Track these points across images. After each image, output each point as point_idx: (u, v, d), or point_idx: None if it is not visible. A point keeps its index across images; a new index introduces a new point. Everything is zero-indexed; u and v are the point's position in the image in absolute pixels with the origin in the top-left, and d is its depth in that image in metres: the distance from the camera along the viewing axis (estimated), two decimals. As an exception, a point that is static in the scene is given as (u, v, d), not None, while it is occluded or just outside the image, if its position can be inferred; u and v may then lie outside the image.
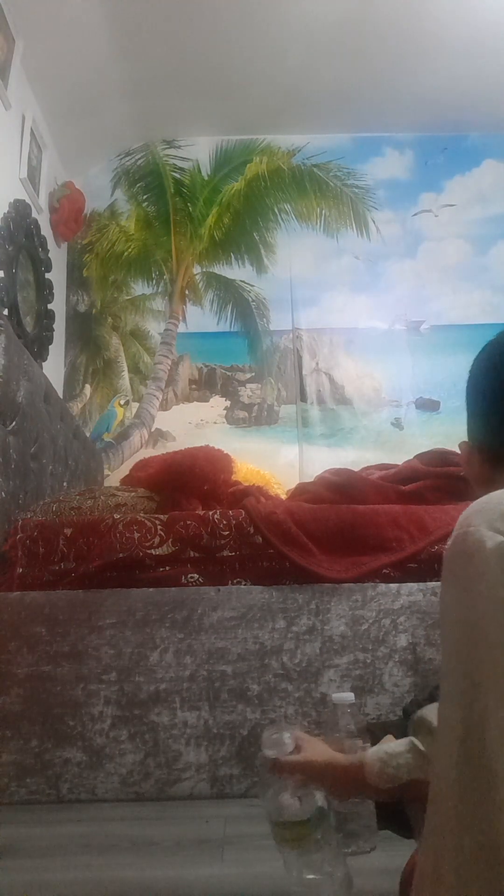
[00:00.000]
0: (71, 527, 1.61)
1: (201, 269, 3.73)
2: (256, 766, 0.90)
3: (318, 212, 3.76)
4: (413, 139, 3.81)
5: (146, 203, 3.77)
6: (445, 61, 3.23)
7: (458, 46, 3.13)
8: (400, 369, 3.53)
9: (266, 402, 3.55)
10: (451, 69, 3.27)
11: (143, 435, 3.47)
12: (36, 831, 1.26)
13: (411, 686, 1.45)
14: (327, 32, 3.03)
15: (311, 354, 3.59)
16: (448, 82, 3.37)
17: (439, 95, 3.47)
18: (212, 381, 3.59)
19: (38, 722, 1.42)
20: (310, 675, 1.46)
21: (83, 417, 3.43)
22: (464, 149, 3.81)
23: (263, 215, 3.75)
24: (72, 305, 3.63)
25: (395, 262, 3.71)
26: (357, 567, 1.54)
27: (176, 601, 1.50)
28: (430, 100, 3.51)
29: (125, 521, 1.61)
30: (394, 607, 1.50)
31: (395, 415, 3.47)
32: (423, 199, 3.77)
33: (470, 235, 3.72)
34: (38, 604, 1.50)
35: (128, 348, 3.62)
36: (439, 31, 3.05)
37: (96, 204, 3.70)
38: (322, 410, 3.50)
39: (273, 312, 3.65)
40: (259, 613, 1.50)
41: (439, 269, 3.68)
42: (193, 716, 1.43)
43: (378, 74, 3.32)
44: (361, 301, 3.65)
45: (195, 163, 3.77)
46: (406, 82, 3.38)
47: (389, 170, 3.80)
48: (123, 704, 1.44)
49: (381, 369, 3.55)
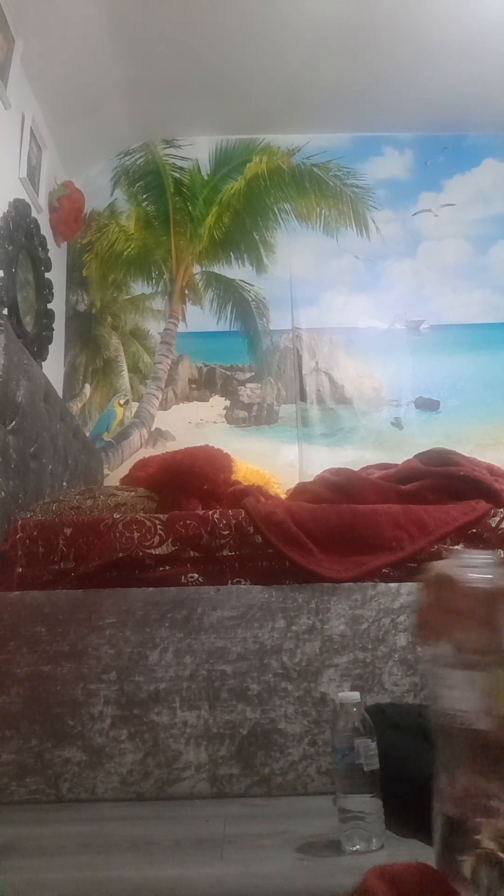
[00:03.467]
0: (71, 526, 1.61)
1: (201, 269, 3.73)
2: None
3: (318, 211, 3.75)
4: (413, 139, 3.81)
5: (146, 202, 3.77)
6: (445, 61, 3.23)
7: (458, 46, 3.13)
8: (400, 369, 3.53)
9: (266, 401, 3.54)
10: (450, 69, 3.27)
11: (142, 434, 3.47)
12: (36, 831, 1.26)
13: (411, 685, 1.46)
14: (327, 32, 3.03)
15: (310, 354, 3.59)
16: (448, 82, 3.37)
17: (439, 95, 3.47)
18: (211, 381, 3.58)
19: (37, 721, 1.42)
20: (310, 675, 1.46)
21: (83, 417, 3.42)
22: (463, 148, 3.80)
23: (263, 215, 3.75)
24: (71, 305, 3.62)
25: (395, 261, 3.71)
26: (357, 567, 1.54)
27: (176, 601, 1.50)
28: (429, 99, 3.50)
29: (125, 520, 1.61)
30: (394, 607, 1.51)
31: (394, 414, 3.47)
32: (422, 199, 3.77)
33: (470, 235, 3.71)
34: (37, 603, 1.50)
35: (127, 348, 3.62)
36: (439, 30, 3.05)
37: (96, 203, 3.70)
38: (322, 410, 3.50)
39: (273, 312, 3.65)
40: (259, 613, 1.50)
41: (439, 269, 3.68)
42: (193, 715, 1.43)
43: (378, 74, 3.32)
44: (361, 301, 3.65)
45: (195, 162, 3.77)
46: (406, 82, 3.38)
47: (389, 169, 3.80)
48: (123, 704, 1.44)
49: (380, 369, 3.55)
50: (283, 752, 1.42)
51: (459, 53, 3.17)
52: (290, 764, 1.41)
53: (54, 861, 1.10)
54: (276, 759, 1.41)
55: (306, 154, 3.77)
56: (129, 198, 3.77)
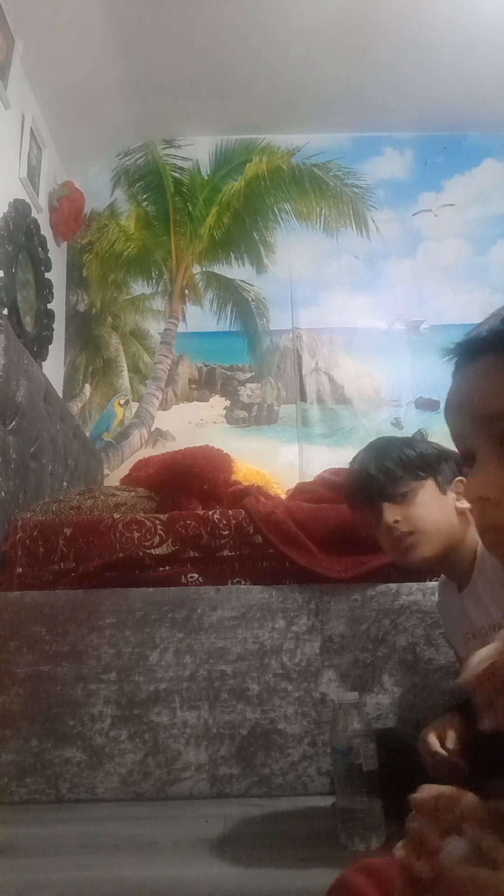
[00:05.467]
0: (71, 526, 1.61)
1: (201, 269, 3.73)
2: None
3: (318, 211, 3.75)
4: (413, 139, 3.81)
5: (146, 203, 3.77)
6: (445, 61, 3.23)
7: (459, 46, 3.13)
8: (400, 369, 3.53)
9: (266, 401, 3.54)
10: (451, 69, 3.27)
11: (142, 434, 3.47)
12: (36, 831, 1.26)
13: (411, 686, 1.46)
14: (327, 32, 3.03)
15: (310, 354, 3.59)
16: (448, 82, 3.37)
17: (439, 95, 3.47)
18: (211, 381, 3.58)
19: (37, 721, 1.42)
20: (309, 675, 1.46)
21: (83, 417, 3.42)
22: (463, 148, 3.80)
23: (263, 215, 3.75)
24: (71, 305, 3.62)
25: (395, 261, 3.70)
26: (357, 567, 1.54)
27: (176, 601, 1.50)
28: (429, 99, 3.50)
29: (125, 520, 1.61)
30: (393, 607, 1.51)
31: (394, 414, 3.47)
32: (422, 199, 3.77)
33: (469, 235, 3.71)
34: (37, 603, 1.50)
35: (127, 348, 3.62)
36: (439, 30, 3.05)
37: (96, 203, 3.70)
38: (322, 410, 3.50)
39: (273, 312, 3.65)
40: (259, 613, 1.50)
41: (439, 269, 3.68)
42: (193, 715, 1.43)
43: (378, 74, 3.32)
44: (361, 301, 3.65)
45: (195, 162, 3.77)
46: (406, 82, 3.38)
47: (389, 169, 3.80)
48: (123, 704, 1.44)
49: (380, 369, 3.55)
50: (283, 753, 1.42)
51: (459, 53, 3.17)
52: (290, 764, 1.41)
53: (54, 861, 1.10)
54: (276, 760, 1.41)
55: (306, 154, 3.77)
56: (129, 198, 3.77)
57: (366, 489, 1.20)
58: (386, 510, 1.16)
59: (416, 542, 1.14)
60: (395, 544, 1.17)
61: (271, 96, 3.45)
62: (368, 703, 1.43)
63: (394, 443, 1.26)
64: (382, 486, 1.17)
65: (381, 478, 1.18)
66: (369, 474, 1.19)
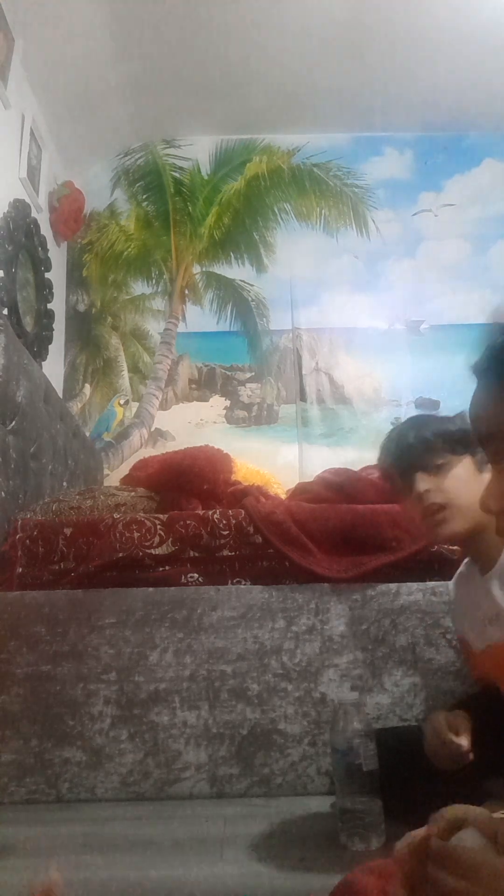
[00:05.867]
0: (71, 526, 1.61)
1: (201, 269, 3.73)
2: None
3: (318, 211, 3.75)
4: (413, 139, 3.81)
5: (146, 203, 3.77)
6: (445, 61, 3.22)
7: (458, 46, 3.13)
8: (399, 369, 3.53)
9: (266, 401, 3.54)
10: (450, 69, 3.27)
11: (142, 434, 3.46)
12: (36, 831, 1.26)
13: (411, 686, 1.46)
14: (327, 32, 3.03)
15: (310, 354, 3.59)
16: (448, 82, 3.37)
17: (439, 95, 3.47)
18: (211, 381, 3.58)
19: (37, 721, 1.42)
20: (310, 675, 1.46)
21: (83, 417, 3.42)
22: (463, 148, 3.80)
23: (263, 215, 3.75)
24: (71, 305, 3.62)
25: (395, 261, 3.70)
26: (357, 567, 1.54)
27: (176, 601, 1.50)
28: (429, 99, 3.50)
29: (125, 520, 1.61)
30: (393, 607, 1.50)
31: (394, 414, 3.46)
32: (422, 199, 3.77)
33: (469, 235, 3.71)
34: (37, 603, 1.50)
35: (127, 348, 3.62)
36: (439, 31, 3.05)
37: (96, 203, 3.70)
38: (322, 410, 3.50)
39: (273, 312, 3.65)
40: (259, 613, 1.50)
41: (439, 269, 3.68)
42: (193, 715, 1.43)
43: (378, 74, 3.32)
44: (361, 300, 3.64)
45: (195, 162, 3.77)
46: (405, 82, 3.38)
47: (389, 169, 3.80)
48: (123, 704, 1.44)
49: (380, 369, 3.55)
50: (283, 753, 1.42)
51: (459, 53, 3.17)
52: (289, 764, 1.41)
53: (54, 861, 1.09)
54: (276, 760, 1.41)
55: (306, 154, 3.77)
56: (129, 198, 3.77)
57: (402, 456, 1.19)
58: (419, 479, 1.15)
59: (447, 517, 1.13)
60: (424, 516, 1.16)
61: (271, 96, 3.45)
62: (368, 703, 1.43)
63: (436, 417, 1.27)
64: (419, 455, 1.17)
65: (418, 446, 1.17)
66: (407, 442, 1.19)
